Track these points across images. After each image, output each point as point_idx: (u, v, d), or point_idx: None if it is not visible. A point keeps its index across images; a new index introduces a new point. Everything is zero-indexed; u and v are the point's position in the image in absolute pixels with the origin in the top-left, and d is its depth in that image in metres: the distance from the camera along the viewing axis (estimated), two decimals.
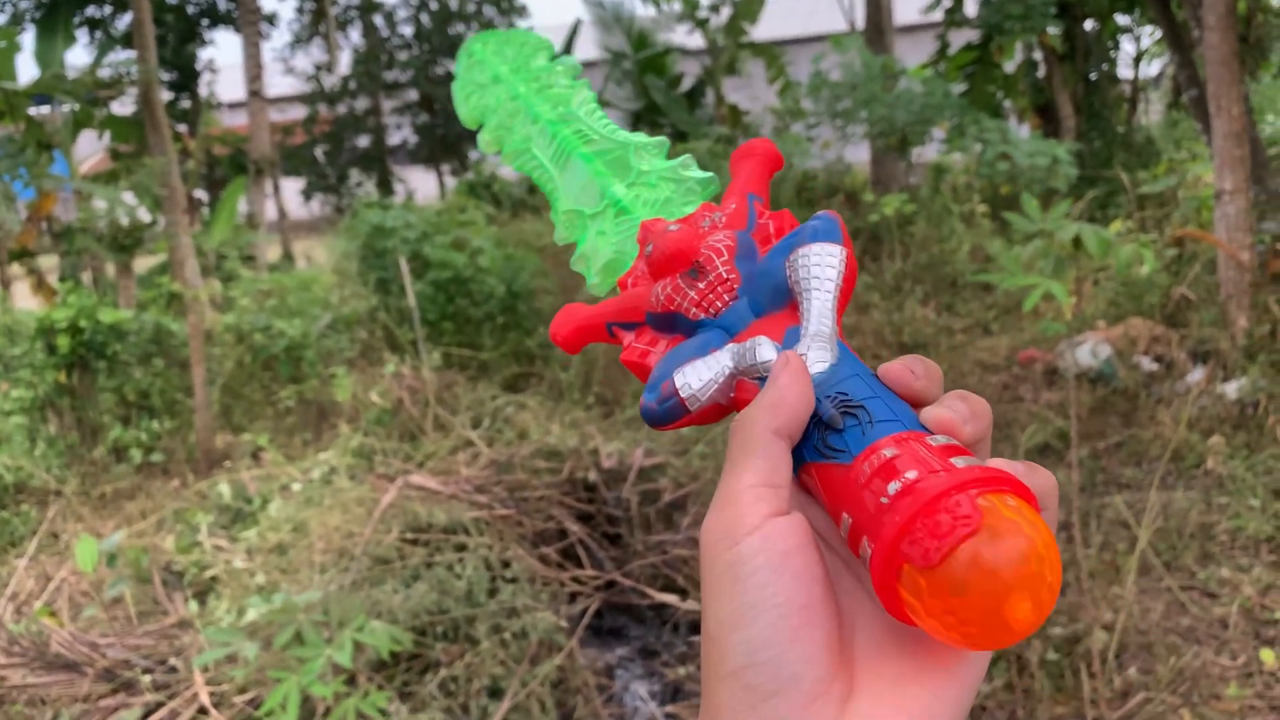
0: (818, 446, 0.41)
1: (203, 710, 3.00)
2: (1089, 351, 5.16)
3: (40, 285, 10.08)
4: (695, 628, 3.48)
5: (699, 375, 0.45)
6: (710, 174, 0.59)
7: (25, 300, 9.88)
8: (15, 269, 10.22)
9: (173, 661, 3.28)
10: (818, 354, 0.43)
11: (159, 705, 3.06)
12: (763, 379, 0.44)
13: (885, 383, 0.43)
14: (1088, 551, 3.54)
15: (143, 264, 9.93)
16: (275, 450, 4.85)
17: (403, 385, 4.59)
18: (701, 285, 0.49)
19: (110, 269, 10.02)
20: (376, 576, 3.17)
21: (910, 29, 17.53)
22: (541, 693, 2.89)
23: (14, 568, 4.32)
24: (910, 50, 14.52)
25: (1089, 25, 9.49)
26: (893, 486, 0.37)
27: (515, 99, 0.68)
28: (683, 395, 0.45)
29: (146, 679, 3.17)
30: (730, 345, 0.46)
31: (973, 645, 0.36)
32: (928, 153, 8.83)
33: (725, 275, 0.49)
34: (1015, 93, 10.13)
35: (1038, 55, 9.83)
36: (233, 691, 3.01)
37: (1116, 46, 9.93)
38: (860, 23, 10.03)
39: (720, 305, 0.48)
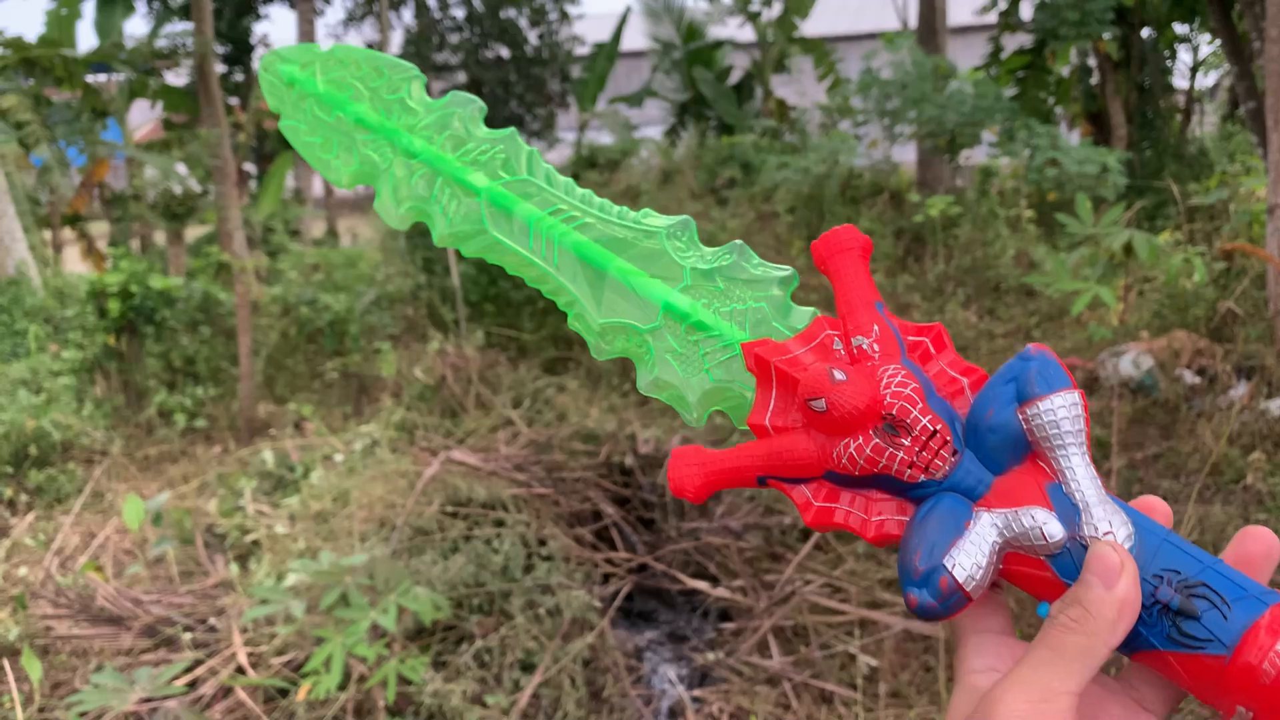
0: (1172, 636, 0.40)
1: (240, 670, 3.08)
2: (1131, 362, 5.13)
3: (90, 250, 10.25)
4: (724, 614, 3.51)
5: (974, 559, 0.42)
6: (789, 269, 0.52)
7: (75, 265, 10.05)
8: (67, 234, 10.40)
9: (213, 621, 3.36)
10: (1122, 528, 0.42)
11: (198, 663, 3.13)
12: (1054, 557, 0.42)
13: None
14: None
15: (191, 234, 10.08)
16: (318, 421, 4.93)
17: (446, 362, 4.65)
18: (907, 441, 0.44)
19: (160, 237, 10.16)
20: (416, 547, 3.22)
21: (963, 30, 17.40)
22: (572, 670, 2.93)
23: (60, 524, 4.42)
24: (963, 52, 14.43)
25: (1146, 33, 9.38)
26: None
27: (414, 156, 0.57)
28: (966, 588, 0.42)
29: (187, 636, 3.25)
30: (989, 517, 0.43)
31: None
32: (975, 155, 8.78)
33: (931, 426, 0.44)
34: (1067, 99, 10.03)
35: (1092, 61, 9.73)
36: (270, 653, 3.08)
37: (1173, 55, 9.81)
38: (913, 22, 9.99)
39: (941, 464, 0.44)
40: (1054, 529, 0.42)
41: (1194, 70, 10.49)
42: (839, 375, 0.44)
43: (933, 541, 0.43)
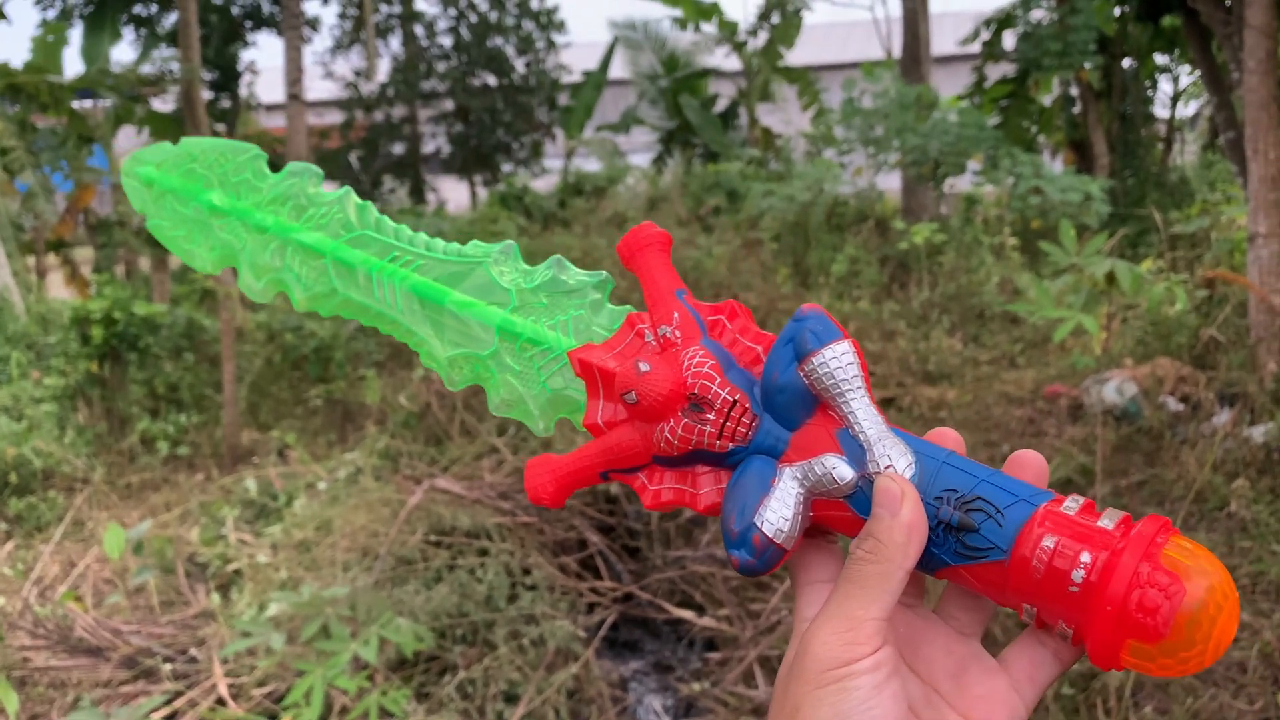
0: (959, 551, 0.43)
1: (220, 701, 3.04)
2: (1114, 389, 5.15)
3: (74, 276, 10.22)
4: (710, 644, 3.49)
5: (780, 513, 0.45)
6: (603, 274, 0.55)
7: (59, 291, 10.01)
8: (51, 260, 10.36)
9: (193, 651, 3.32)
10: (901, 459, 0.45)
11: (178, 694, 3.09)
12: (851, 496, 0.45)
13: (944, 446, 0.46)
14: None
15: (176, 260, 10.04)
16: (301, 449, 4.90)
17: (430, 390, 4.63)
18: (711, 416, 0.47)
19: (144, 263, 10.13)
20: (399, 576, 3.20)
21: (947, 59, 17.55)
22: (557, 700, 2.91)
23: (40, 553, 4.38)
24: (946, 80, 14.54)
25: (1127, 63, 9.49)
26: (1077, 575, 0.40)
27: (264, 231, 0.60)
28: (778, 541, 0.45)
29: (167, 667, 3.21)
30: (789, 469, 0.46)
31: (1193, 671, 0.40)
32: (960, 184, 8.84)
33: (730, 398, 0.47)
34: (1050, 127, 10.13)
35: (1074, 91, 9.83)
36: (251, 684, 3.05)
37: (1154, 85, 9.92)
38: (897, 51, 10.07)
39: (745, 430, 0.47)
40: (844, 471, 0.45)
41: (1175, 100, 10.61)
42: (644, 367, 0.48)
43: (744, 503, 0.45)
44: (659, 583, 3.60)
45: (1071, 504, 0.43)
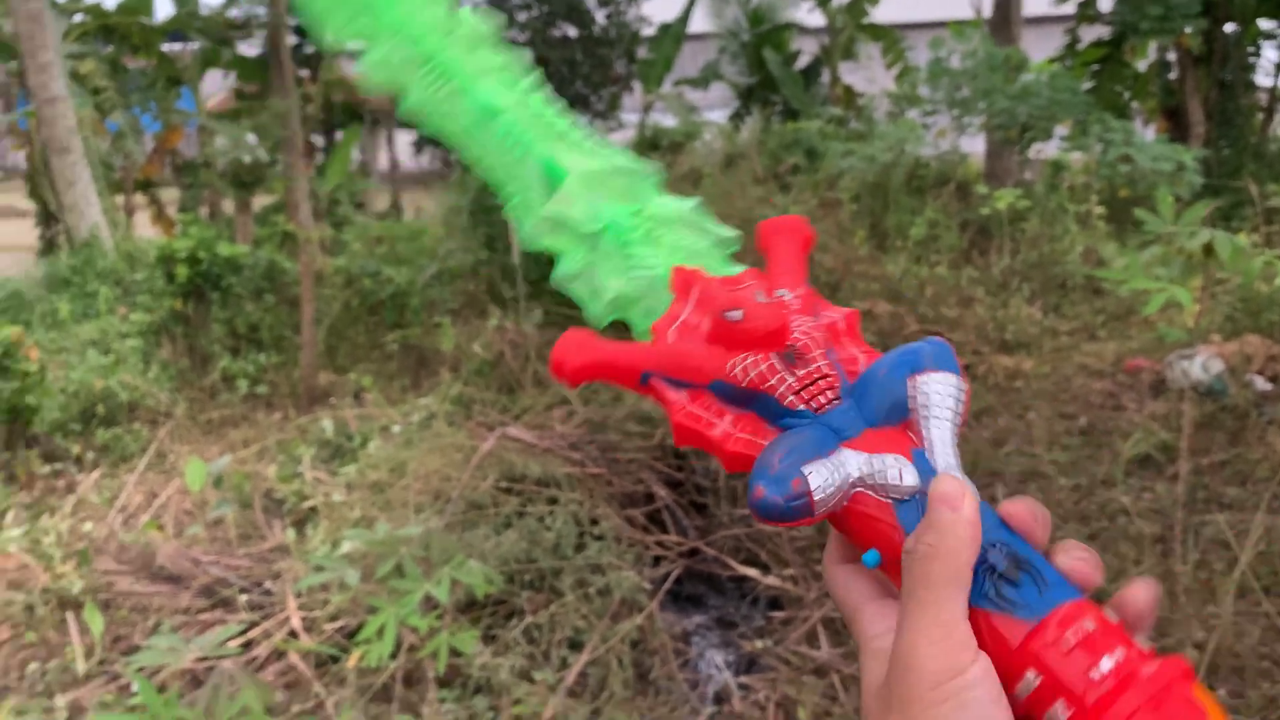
0: (990, 595, 0.42)
1: (293, 634, 3.13)
2: (1200, 365, 5.01)
3: (160, 216, 10.45)
4: (774, 603, 3.50)
5: (829, 478, 0.44)
6: (736, 232, 0.55)
7: (145, 230, 10.25)
8: (138, 199, 10.61)
9: (268, 585, 3.42)
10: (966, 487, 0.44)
11: (253, 625, 3.19)
12: (900, 503, 0.44)
13: (1009, 522, 0.45)
14: (1184, 568, 3.46)
15: (258, 203, 10.23)
16: (377, 392, 4.98)
17: (505, 339, 4.67)
18: (800, 373, 0.47)
19: (228, 205, 10.33)
20: (470, 521, 3.25)
21: (1039, 21, 17.02)
22: (620, 650, 2.94)
23: (124, 483, 4.52)
24: (1037, 43, 14.12)
25: (1230, 28, 9.12)
26: (1105, 663, 0.40)
27: (432, 61, 0.59)
28: (815, 497, 0.43)
29: (243, 598, 3.31)
30: (853, 453, 0.45)
31: None
32: (1046, 149, 8.61)
33: (825, 370, 0.47)
34: (1144, 93, 9.81)
35: (1171, 56, 9.49)
36: (323, 618, 3.13)
37: (1257, 53, 9.52)
38: (987, 11, 9.80)
39: (824, 402, 0.46)
40: (910, 474, 0.44)
41: (1279, 68, 10.18)
42: (761, 297, 0.48)
43: (798, 449, 0.44)
44: (725, 539, 3.61)
45: (1110, 615, 0.42)
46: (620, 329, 0.54)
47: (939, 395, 0.45)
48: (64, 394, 5.12)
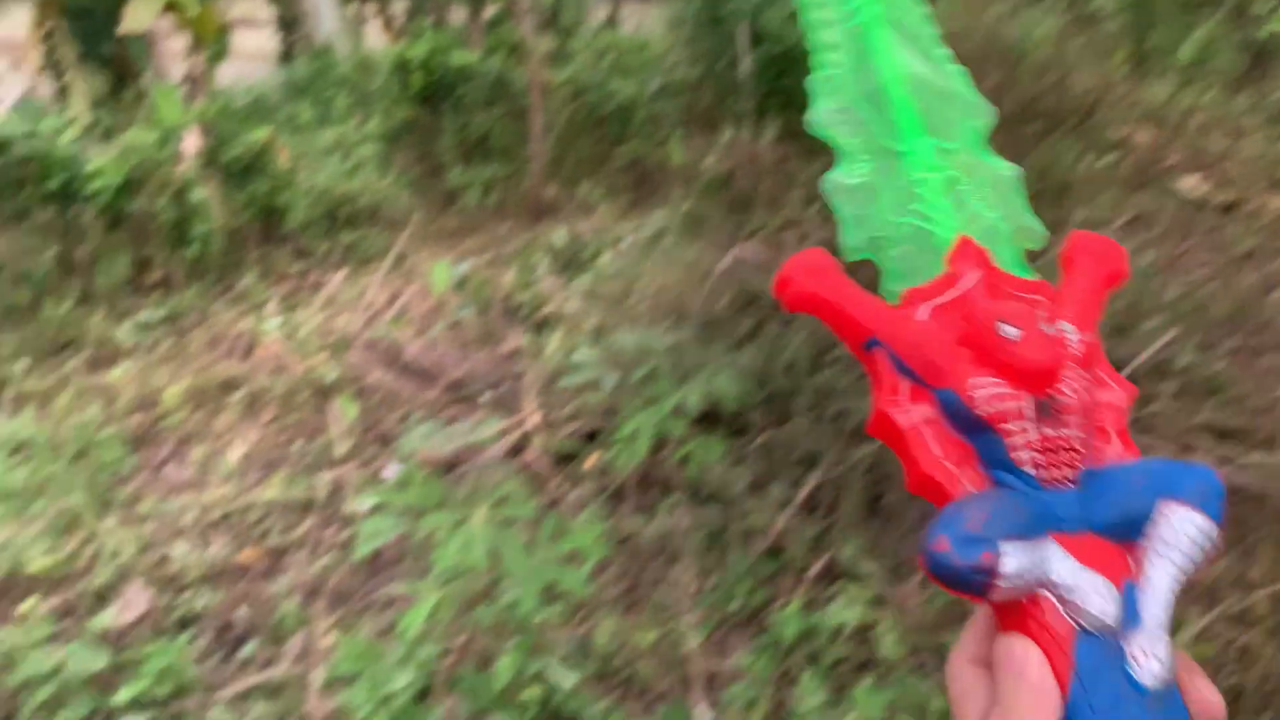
0: None
1: (529, 434, 3.26)
2: None
3: (389, 25, 10.64)
4: None
5: (1025, 565, 0.37)
6: (1045, 232, 0.47)
7: (374, 39, 10.48)
8: (368, 8, 10.82)
9: (509, 385, 3.57)
10: (1156, 664, 0.37)
11: (501, 422, 3.34)
12: (1081, 629, 0.37)
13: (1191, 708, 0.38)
14: None
15: (489, 10, 10.23)
16: (606, 205, 5.01)
17: (736, 155, 4.57)
18: (1048, 433, 0.39)
19: (456, 15, 10.39)
20: (705, 337, 3.26)
21: None
22: (852, 477, 2.93)
23: (368, 282, 4.76)
24: None
25: None
26: None
27: None
28: (1000, 584, 0.36)
29: (488, 395, 3.47)
30: (1062, 553, 0.38)
31: None
32: None
33: (1075, 444, 0.40)
34: None
35: None
36: (562, 419, 3.25)
37: None
38: None
39: (1056, 476, 0.39)
40: (1112, 608, 0.37)
41: None
42: (1048, 329, 0.40)
43: (1005, 518, 0.37)
44: None
45: None
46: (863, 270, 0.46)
47: (1186, 537, 0.38)
48: (309, 195, 5.39)
